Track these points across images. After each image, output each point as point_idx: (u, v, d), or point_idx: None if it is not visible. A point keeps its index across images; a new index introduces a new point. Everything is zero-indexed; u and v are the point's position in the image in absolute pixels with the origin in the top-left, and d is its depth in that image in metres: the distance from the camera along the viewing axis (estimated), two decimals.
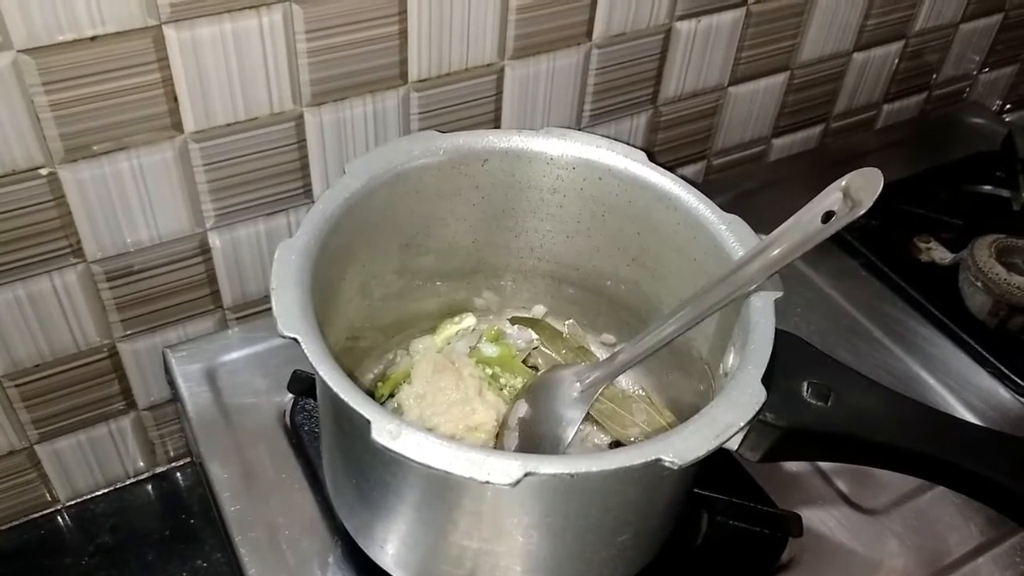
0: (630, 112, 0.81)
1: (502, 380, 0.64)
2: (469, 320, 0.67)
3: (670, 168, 0.58)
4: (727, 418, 0.44)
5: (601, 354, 0.67)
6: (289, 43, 0.59)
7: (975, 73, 1.08)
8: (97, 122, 0.56)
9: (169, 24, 0.55)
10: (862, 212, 0.45)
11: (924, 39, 0.97)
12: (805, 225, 0.47)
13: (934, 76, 1.04)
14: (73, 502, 0.74)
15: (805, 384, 0.49)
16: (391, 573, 0.55)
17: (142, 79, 0.56)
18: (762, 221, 0.53)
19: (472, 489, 0.46)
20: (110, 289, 0.64)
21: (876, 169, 0.45)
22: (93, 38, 0.53)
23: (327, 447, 0.57)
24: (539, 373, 0.64)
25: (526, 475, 0.41)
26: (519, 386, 0.63)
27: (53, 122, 0.55)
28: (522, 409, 0.59)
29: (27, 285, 0.61)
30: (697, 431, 0.44)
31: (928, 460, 0.50)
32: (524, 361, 0.66)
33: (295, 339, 0.45)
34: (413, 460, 0.41)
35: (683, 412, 0.61)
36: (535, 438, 0.58)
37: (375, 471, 0.50)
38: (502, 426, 0.59)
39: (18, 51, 0.51)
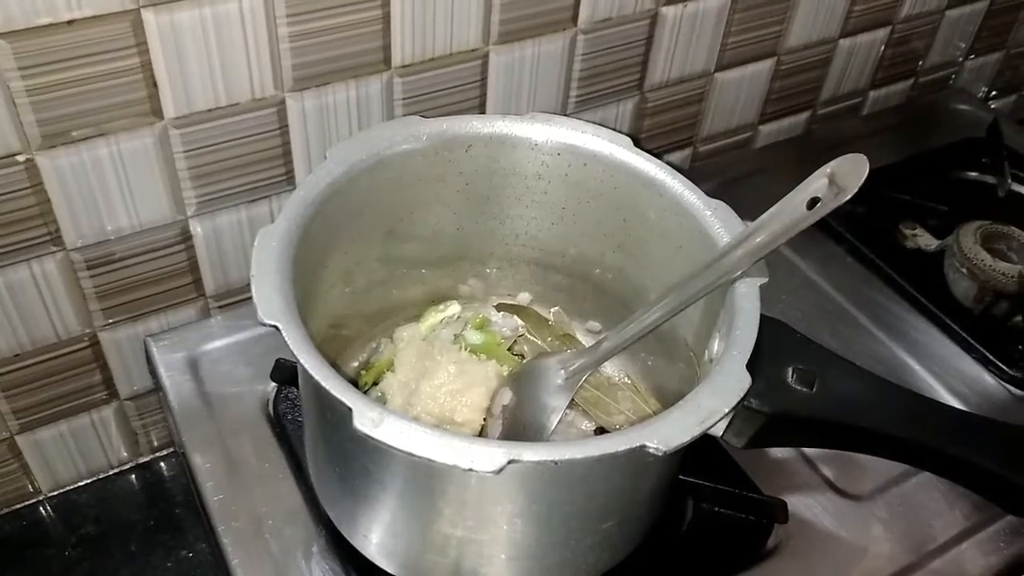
0: (616, 98, 0.81)
1: None
2: (454, 308, 0.67)
3: (656, 155, 0.58)
4: (712, 404, 0.44)
5: (587, 341, 0.67)
6: (270, 27, 0.59)
7: (961, 60, 1.08)
8: (75, 108, 0.55)
9: (147, 8, 0.54)
10: (847, 198, 0.44)
11: (910, 25, 0.97)
12: (791, 211, 0.47)
13: (920, 63, 1.04)
14: (55, 493, 0.74)
15: (790, 370, 0.49)
16: (375, 562, 0.54)
17: (121, 64, 0.55)
18: (748, 207, 0.53)
19: (456, 477, 0.46)
20: (90, 277, 0.64)
21: (862, 155, 0.45)
22: (70, 22, 0.52)
23: (310, 436, 0.57)
24: (524, 361, 0.64)
25: (510, 462, 0.40)
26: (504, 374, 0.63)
27: (30, 108, 0.54)
28: (506, 397, 0.59)
29: (5, 274, 0.60)
30: (682, 417, 0.43)
31: (913, 446, 0.50)
32: (510, 349, 0.66)
33: (276, 327, 0.44)
34: (395, 448, 0.41)
35: (668, 399, 0.60)
36: (519, 426, 0.58)
37: (358, 459, 0.49)
38: (486, 414, 0.59)
39: None
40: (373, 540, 0.54)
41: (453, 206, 0.61)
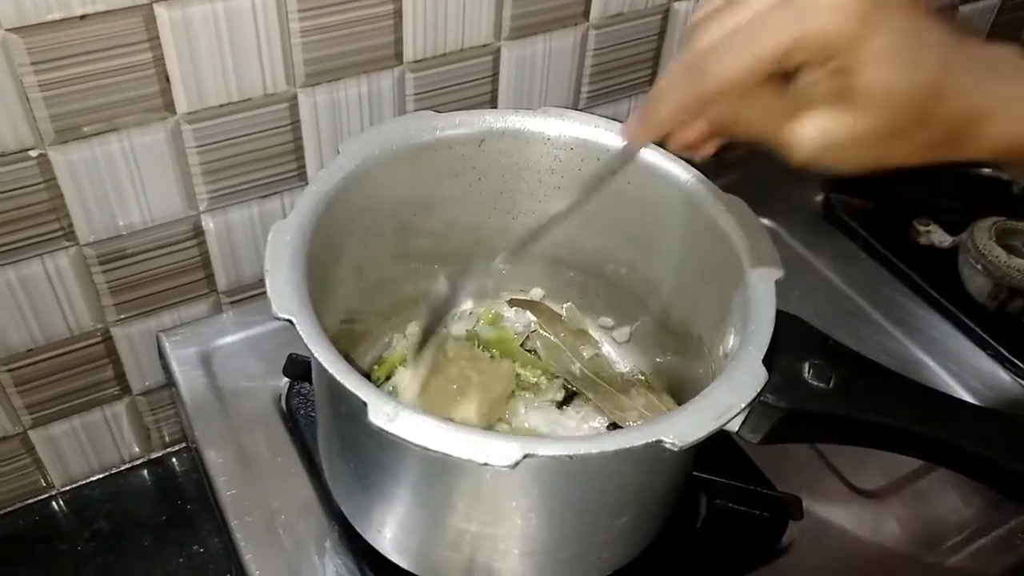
0: (628, 94, 0.80)
1: None
2: (466, 303, 0.67)
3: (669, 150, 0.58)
4: (728, 399, 0.44)
5: (600, 336, 0.66)
6: (282, 22, 0.59)
7: None
8: (88, 103, 0.55)
9: (160, 2, 0.54)
10: None
11: None
12: None
13: None
14: (68, 488, 0.74)
15: (806, 365, 0.48)
16: (388, 557, 0.54)
17: (133, 59, 0.55)
18: (761, 202, 0.52)
19: (470, 471, 0.45)
20: (103, 273, 0.64)
21: None
22: (83, 17, 0.52)
23: (323, 430, 0.56)
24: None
25: (525, 457, 0.40)
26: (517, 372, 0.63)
27: (43, 103, 0.54)
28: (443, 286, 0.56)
29: (18, 269, 0.60)
30: (698, 413, 0.43)
31: (929, 441, 0.49)
32: (522, 344, 0.66)
33: (290, 321, 0.44)
34: (410, 442, 0.40)
35: (682, 395, 0.60)
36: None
37: (372, 454, 0.49)
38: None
39: (6, 30, 0.50)
40: (387, 535, 0.54)
41: (466, 201, 0.61)
